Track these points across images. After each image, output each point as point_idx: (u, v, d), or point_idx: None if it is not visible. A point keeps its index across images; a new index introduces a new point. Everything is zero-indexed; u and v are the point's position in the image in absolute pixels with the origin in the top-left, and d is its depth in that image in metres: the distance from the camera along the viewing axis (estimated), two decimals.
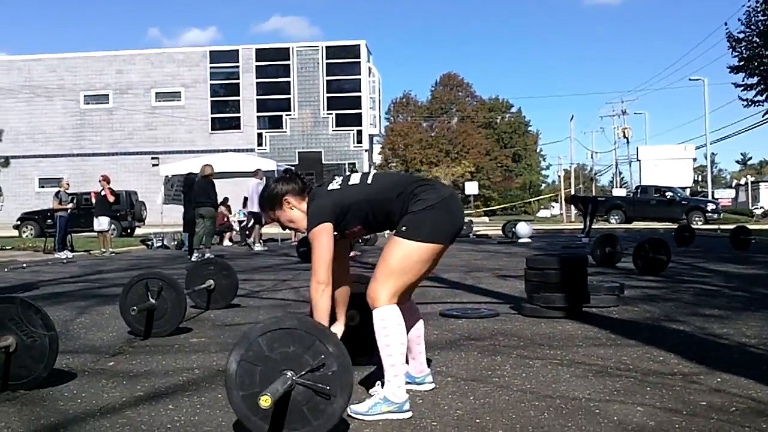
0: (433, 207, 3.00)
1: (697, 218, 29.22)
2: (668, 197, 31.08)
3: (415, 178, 3.19)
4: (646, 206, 30.89)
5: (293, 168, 3.39)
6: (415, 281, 3.13)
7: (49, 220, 20.25)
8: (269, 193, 3.25)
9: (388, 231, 3.26)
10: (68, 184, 15.94)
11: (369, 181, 3.14)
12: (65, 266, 12.12)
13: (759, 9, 21.76)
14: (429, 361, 3.48)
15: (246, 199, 18.13)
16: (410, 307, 3.25)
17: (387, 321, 2.95)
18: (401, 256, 3.01)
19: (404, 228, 3.00)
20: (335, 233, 3.07)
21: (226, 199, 19.94)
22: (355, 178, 3.18)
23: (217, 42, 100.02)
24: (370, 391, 3.06)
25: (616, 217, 31.06)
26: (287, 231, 17.06)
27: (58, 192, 15.21)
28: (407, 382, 3.19)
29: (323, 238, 2.99)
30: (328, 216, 3.03)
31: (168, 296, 4.78)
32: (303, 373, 2.48)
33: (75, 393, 3.40)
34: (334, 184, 3.16)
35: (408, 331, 3.16)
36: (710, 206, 31.30)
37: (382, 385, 2.97)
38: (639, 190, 33.19)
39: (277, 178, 3.29)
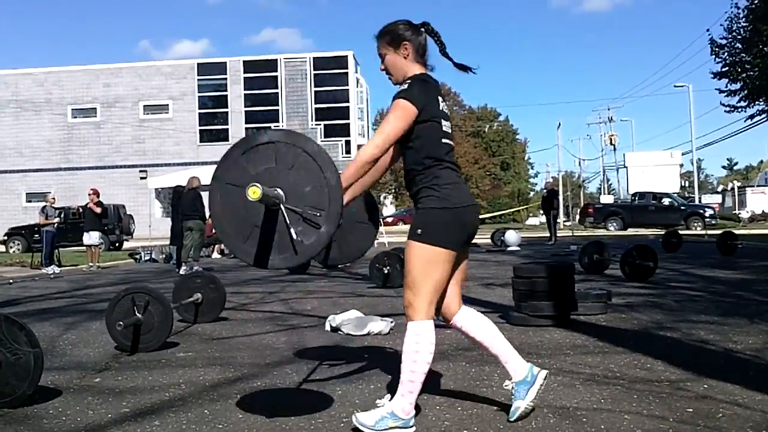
0: (447, 210, 2.85)
1: (696, 224, 29.16)
2: (667, 203, 31.11)
3: (449, 162, 2.96)
4: (644, 212, 30.73)
5: (429, 23, 3.10)
6: (444, 284, 2.94)
7: (36, 235, 20.13)
8: (395, 28, 3.06)
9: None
10: (54, 199, 15.86)
11: (443, 140, 2.95)
12: (52, 281, 12.04)
13: (741, 15, 21.95)
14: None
15: None
16: (468, 312, 3.13)
17: (419, 338, 2.84)
18: (421, 264, 2.85)
19: (419, 231, 2.86)
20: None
21: None
22: (446, 125, 2.99)
23: (209, 54, 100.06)
24: (378, 402, 2.96)
25: (614, 224, 30.96)
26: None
27: (45, 207, 15.11)
28: (528, 389, 3.00)
29: (405, 114, 2.84)
30: (420, 105, 2.86)
31: (155, 310, 4.75)
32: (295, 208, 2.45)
33: (60, 410, 3.37)
34: (442, 104, 2.98)
35: (480, 336, 3.06)
36: (708, 212, 31.37)
37: (391, 398, 2.90)
38: (636, 197, 32.90)
39: (410, 22, 3.09)
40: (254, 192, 2.31)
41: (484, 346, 3.07)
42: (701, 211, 31.25)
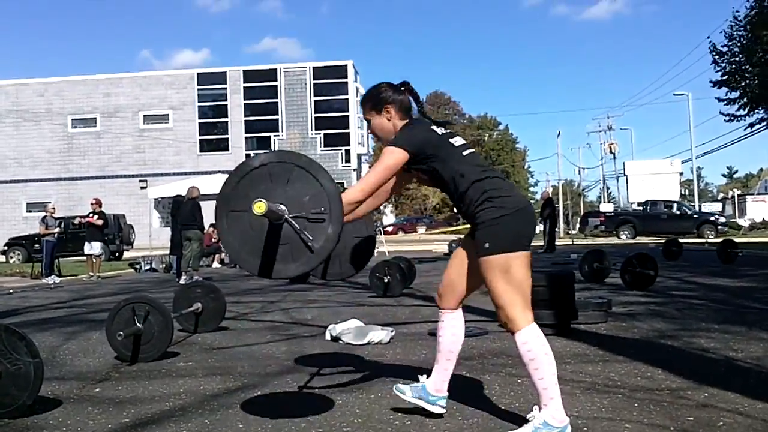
0: (509, 215, 2.86)
1: (709, 231, 29.07)
2: (679, 211, 31.03)
3: (496, 173, 3.05)
4: (657, 221, 30.67)
5: (408, 82, 3.22)
6: (528, 288, 2.94)
7: (36, 245, 20.13)
8: (376, 93, 3.16)
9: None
10: (54, 209, 15.87)
11: (464, 153, 3.01)
12: (53, 291, 12.03)
13: (741, 23, 21.97)
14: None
15: None
16: (460, 318, 3.17)
17: (529, 344, 2.82)
18: (501, 275, 2.85)
19: (486, 245, 2.86)
20: (404, 166, 3.00)
21: None
22: (456, 141, 3.05)
23: (210, 63, 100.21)
24: (528, 416, 2.86)
25: (626, 232, 30.86)
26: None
27: (45, 217, 15.13)
28: (419, 397, 3.19)
29: (393, 159, 2.93)
30: (412, 147, 2.95)
31: (155, 320, 4.75)
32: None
33: (60, 421, 3.36)
34: (438, 129, 3.06)
35: (445, 341, 3.13)
36: (721, 219, 31.31)
37: (539, 409, 2.81)
38: (648, 205, 32.66)
39: (390, 83, 3.19)
40: (259, 207, 2.38)
41: (439, 351, 3.17)
42: (713, 219, 31.22)
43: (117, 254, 25.26)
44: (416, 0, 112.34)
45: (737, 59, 22.40)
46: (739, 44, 22.26)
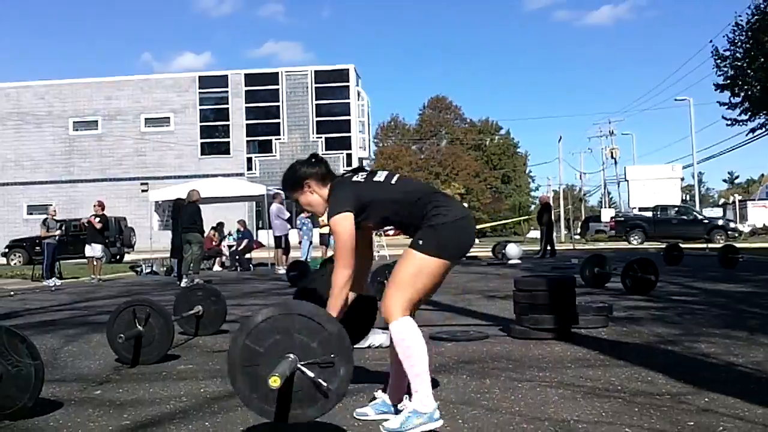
0: (451, 224, 3.01)
1: (719, 236, 29.02)
2: (690, 216, 31.02)
3: (435, 189, 3.22)
4: (668, 225, 30.60)
5: (317, 153, 3.39)
6: (423, 296, 3.14)
7: (37, 248, 20.15)
8: (291, 174, 3.26)
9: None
10: (55, 211, 15.90)
11: (393, 182, 3.16)
12: (53, 294, 12.03)
13: (743, 29, 21.98)
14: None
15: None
16: None
17: (404, 333, 2.97)
18: (414, 269, 3.02)
19: (420, 241, 3.02)
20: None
21: (221, 224, 19.86)
22: (380, 176, 3.19)
23: (212, 67, 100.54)
24: (399, 406, 3.00)
25: (637, 237, 30.83)
26: (276, 255, 17.05)
27: (46, 219, 15.14)
28: (383, 412, 3.24)
29: (345, 225, 3.01)
30: (349, 206, 3.04)
31: (155, 323, 4.75)
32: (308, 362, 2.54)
33: (61, 423, 3.37)
34: (358, 177, 3.18)
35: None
36: (731, 224, 31.27)
37: (410, 398, 2.96)
38: (659, 210, 32.51)
39: (301, 161, 3.29)
40: (275, 381, 2.40)
41: (394, 364, 3.25)
42: (724, 224, 31.18)
43: (118, 257, 25.29)
44: (418, 4, 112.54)
45: (739, 64, 22.41)
46: (741, 49, 22.27)
